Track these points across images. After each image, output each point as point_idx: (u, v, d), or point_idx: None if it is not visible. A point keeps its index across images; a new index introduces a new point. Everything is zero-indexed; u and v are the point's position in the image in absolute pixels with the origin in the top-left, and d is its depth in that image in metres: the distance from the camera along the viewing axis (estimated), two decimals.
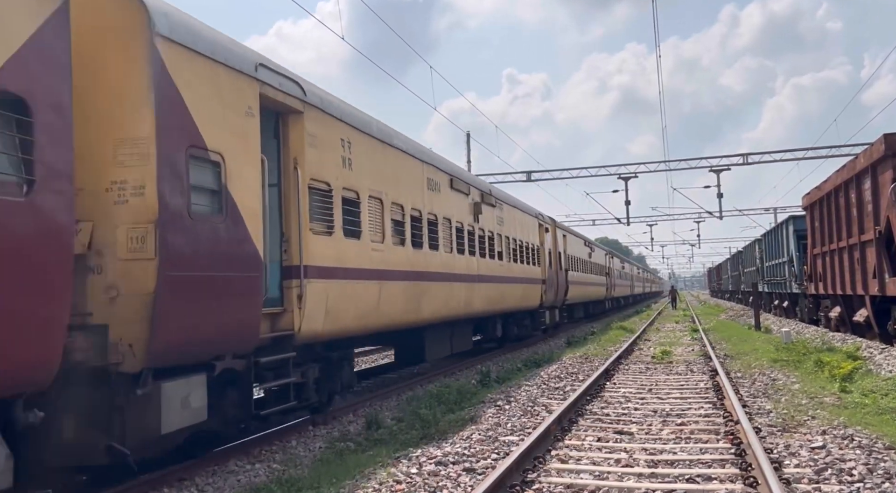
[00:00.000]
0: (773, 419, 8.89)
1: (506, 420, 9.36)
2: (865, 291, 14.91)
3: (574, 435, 8.38)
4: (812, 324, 23.06)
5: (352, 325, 9.83)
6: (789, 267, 25.77)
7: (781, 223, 28.19)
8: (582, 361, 16.74)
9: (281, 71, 8.45)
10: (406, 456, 7.39)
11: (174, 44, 6.45)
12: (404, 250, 11.75)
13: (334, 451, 8.34)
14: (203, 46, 6.91)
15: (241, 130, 7.37)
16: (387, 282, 10.83)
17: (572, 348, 20.56)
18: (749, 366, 14.53)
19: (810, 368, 12.94)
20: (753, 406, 9.85)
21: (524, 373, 14.71)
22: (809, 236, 20.73)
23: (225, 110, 7.14)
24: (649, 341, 23.19)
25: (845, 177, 16.02)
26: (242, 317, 7.24)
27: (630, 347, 19.94)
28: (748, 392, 11.17)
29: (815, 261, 20.03)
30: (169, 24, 6.43)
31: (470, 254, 15.63)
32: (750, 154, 34.52)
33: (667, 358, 16.83)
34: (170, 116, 6.31)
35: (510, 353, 20.32)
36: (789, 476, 6.23)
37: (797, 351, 15.20)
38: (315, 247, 8.68)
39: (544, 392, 11.83)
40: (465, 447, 7.78)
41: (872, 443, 7.24)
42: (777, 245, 28.61)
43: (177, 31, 6.53)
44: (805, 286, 22.43)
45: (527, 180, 37.34)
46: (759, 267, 34.25)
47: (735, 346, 19.45)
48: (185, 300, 6.39)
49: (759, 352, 16.66)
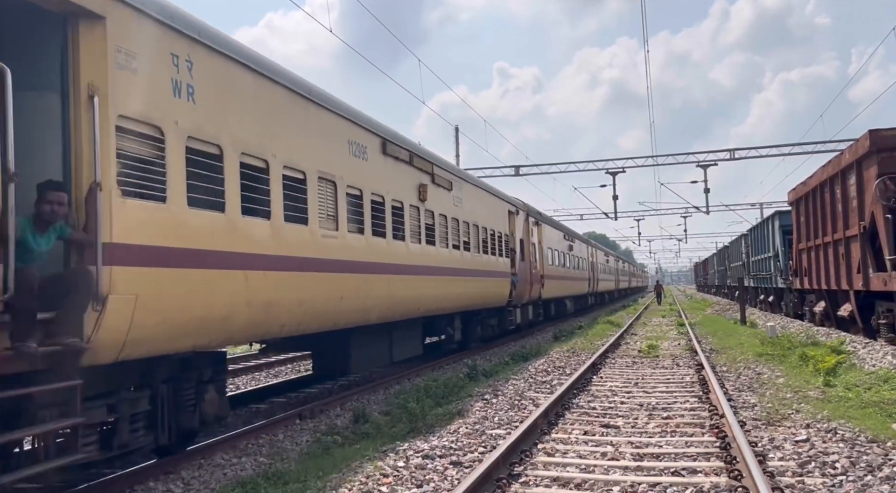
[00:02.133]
0: (758, 412, 8.96)
1: (493, 414, 9.38)
2: (850, 286, 15.03)
3: (561, 429, 8.41)
4: (797, 318, 23.23)
5: (204, 331, 6.91)
6: (775, 262, 25.94)
7: (767, 219, 28.36)
8: (569, 355, 16.80)
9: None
10: (393, 450, 7.40)
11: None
12: (307, 232, 8.83)
13: (321, 445, 8.33)
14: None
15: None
16: (274, 272, 7.96)
17: (560, 342, 20.64)
18: (734, 360, 14.63)
19: (795, 362, 13.05)
20: (738, 400, 9.92)
21: (512, 367, 14.75)
22: (795, 232, 20.86)
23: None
24: (636, 335, 23.29)
25: (830, 173, 16.12)
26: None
27: (617, 341, 20.02)
28: (733, 386, 11.25)
29: (800, 256, 20.16)
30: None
31: (413, 241, 12.85)
32: (737, 149, 34.73)
33: (653, 352, 16.91)
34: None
35: (488, 350, 20.33)
36: (773, 469, 6.28)
37: (782, 345, 15.33)
38: (129, 217, 5.86)
39: (531, 386, 11.87)
40: (453, 440, 7.80)
41: (855, 436, 7.32)
42: (763, 240, 28.78)
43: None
44: (790, 281, 22.58)
45: (515, 175, 37.40)
46: (745, 262, 34.47)
47: (721, 340, 19.58)
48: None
49: (744, 346, 16.77)
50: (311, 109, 9.27)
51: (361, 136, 10.80)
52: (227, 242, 7.15)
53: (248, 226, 7.55)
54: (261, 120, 7.99)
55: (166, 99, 6.42)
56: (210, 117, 7.03)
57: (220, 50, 7.25)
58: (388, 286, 11.47)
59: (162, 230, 6.24)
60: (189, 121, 6.70)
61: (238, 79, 7.61)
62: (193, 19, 6.96)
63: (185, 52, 6.71)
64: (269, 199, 7.99)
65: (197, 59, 6.86)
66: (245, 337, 8.26)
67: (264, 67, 8.14)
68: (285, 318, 8.40)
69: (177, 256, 6.41)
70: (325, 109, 9.63)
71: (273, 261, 7.98)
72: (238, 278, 7.30)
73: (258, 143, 7.86)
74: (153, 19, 6.30)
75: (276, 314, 8.14)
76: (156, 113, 6.28)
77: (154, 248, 6.13)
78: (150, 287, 6.04)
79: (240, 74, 7.64)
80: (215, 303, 6.97)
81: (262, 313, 7.81)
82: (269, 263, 7.91)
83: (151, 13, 6.26)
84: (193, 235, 6.66)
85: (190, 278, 6.58)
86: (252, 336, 8.46)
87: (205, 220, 6.86)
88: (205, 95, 6.94)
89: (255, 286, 7.56)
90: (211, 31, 7.21)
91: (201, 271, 6.76)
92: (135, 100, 6.05)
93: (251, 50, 8.11)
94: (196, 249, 6.68)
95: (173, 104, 6.50)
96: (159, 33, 6.41)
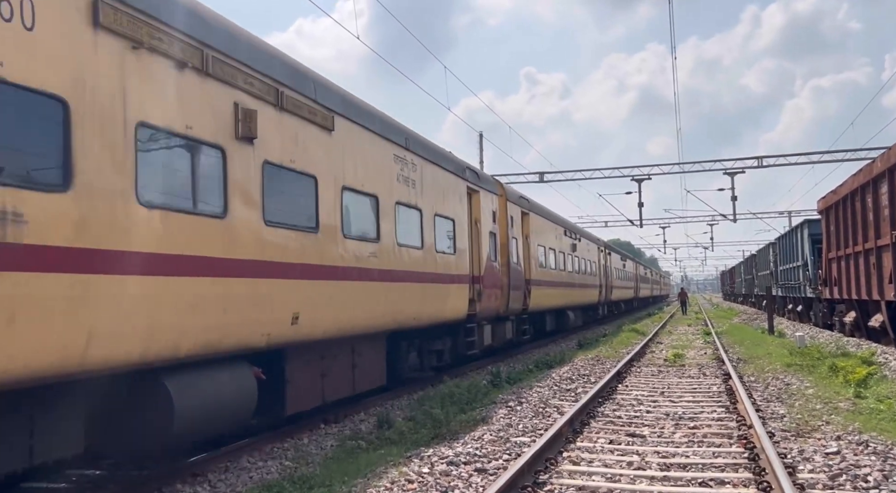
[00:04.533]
0: (787, 423, 8.83)
1: (517, 421, 9.35)
2: (881, 296, 14.78)
3: (586, 437, 8.36)
4: (826, 329, 22.89)
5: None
6: (804, 271, 25.59)
7: (796, 227, 28.00)
8: (594, 363, 16.69)
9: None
10: (418, 455, 7.40)
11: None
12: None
13: (346, 449, 8.36)
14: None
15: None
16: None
17: (584, 349, 20.51)
18: (762, 370, 14.44)
19: (824, 373, 12.84)
20: (767, 411, 9.79)
21: (535, 374, 14.68)
22: (825, 240, 20.57)
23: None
24: (661, 343, 23.09)
25: (862, 181, 15.88)
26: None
27: (642, 349, 19.86)
28: (761, 396, 11.10)
29: (830, 265, 19.87)
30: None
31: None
32: (765, 157, 34.33)
33: (679, 361, 16.75)
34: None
35: (507, 359, 20.21)
36: (803, 482, 6.18)
37: (811, 356, 15.09)
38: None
39: (556, 394, 11.81)
40: (477, 447, 7.78)
41: (888, 449, 7.18)
42: (792, 249, 28.42)
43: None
44: (820, 291, 22.26)
45: (539, 181, 37.28)
46: (773, 271, 34.03)
47: (748, 350, 19.33)
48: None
49: (772, 356, 16.55)
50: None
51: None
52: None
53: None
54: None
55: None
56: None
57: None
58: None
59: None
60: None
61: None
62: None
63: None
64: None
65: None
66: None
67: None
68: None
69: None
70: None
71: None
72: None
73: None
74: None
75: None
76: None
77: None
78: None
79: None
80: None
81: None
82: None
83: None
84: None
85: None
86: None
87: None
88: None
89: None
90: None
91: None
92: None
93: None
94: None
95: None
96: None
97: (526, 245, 19.84)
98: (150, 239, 6.01)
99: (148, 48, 6.06)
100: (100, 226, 5.49)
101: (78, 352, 5.26)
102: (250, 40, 7.73)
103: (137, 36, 5.93)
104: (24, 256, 4.83)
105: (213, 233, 6.75)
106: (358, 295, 9.62)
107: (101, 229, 5.50)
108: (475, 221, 15.48)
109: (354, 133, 9.85)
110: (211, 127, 6.83)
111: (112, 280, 5.58)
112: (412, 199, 11.81)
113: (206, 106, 6.80)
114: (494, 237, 16.73)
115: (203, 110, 6.74)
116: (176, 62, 6.38)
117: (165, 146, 6.40)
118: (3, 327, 4.69)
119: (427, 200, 12.49)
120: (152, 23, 6.11)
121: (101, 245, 5.49)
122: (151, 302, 5.95)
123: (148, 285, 5.95)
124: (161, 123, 6.21)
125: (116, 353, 5.64)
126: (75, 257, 5.24)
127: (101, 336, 5.43)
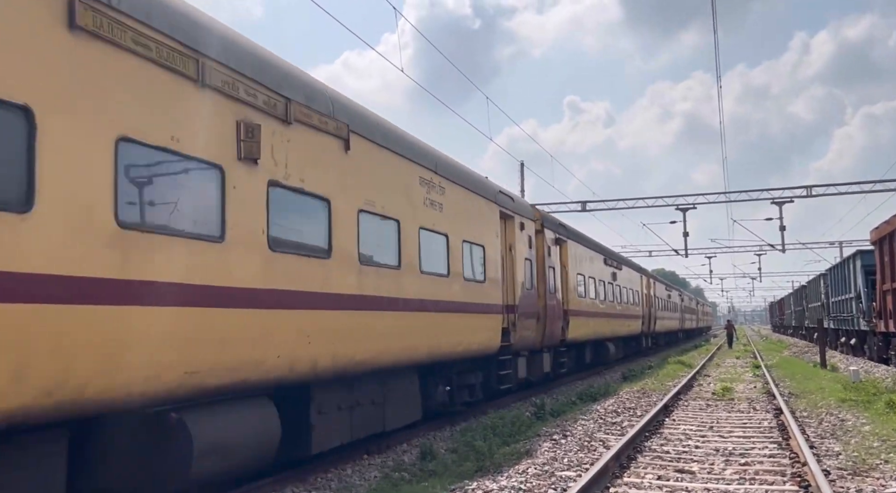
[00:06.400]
0: (843, 461, 8.53)
1: (562, 455, 9.21)
2: None
3: (633, 472, 8.18)
4: (882, 363, 22.15)
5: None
6: (857, 303, 24.88)
7: (848, 258, 27.32)
8: (639, 395, 16.39)
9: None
10: (461, 488, 7.33)
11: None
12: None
13: (389, 481, 8.32)
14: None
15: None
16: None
17: (629, 382, 20.17)
18: (815, 405, 14.00)
19: (881, 409, 12.39)
20: (821, 448, 9.48)
21: (579, 407, 14.47)
22: (878, 272, 20.01)
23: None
24: (709, 376, 22.59)
25: None
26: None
27: (689, 382, 19.45)
28: (815, 433, 10.76)
29: (884, 297, 19.29)
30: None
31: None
32: (814, 186, 33.64)
33: (728, 395, 16.35)
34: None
35: (558, 388, 19.95)
36: None
37: (867, 391, 14.59)
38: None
39: (601, 427, 11.61)
40: (521, 481, 7.68)
41: None
42: (844, 280, 27.71)
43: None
44: (874, 323, 21.59)
45: (581, 210, 37.06)
46: (825, 303, 33.15)
47: (800, 384, 18.79)
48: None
49: (825, 391, 16.05)
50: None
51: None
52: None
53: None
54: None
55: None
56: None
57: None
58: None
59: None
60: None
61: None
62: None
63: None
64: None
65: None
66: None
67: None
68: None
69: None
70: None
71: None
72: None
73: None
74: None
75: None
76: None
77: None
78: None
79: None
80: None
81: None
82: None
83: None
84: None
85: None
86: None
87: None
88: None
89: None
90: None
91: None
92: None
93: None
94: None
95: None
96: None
97: (564, 273, 19.14)
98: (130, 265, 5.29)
99: (133, 54, 5.40)
100: (68, 249, 4.80)
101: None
102: (254, 50, 7.15)
103: (121, 40, 5.29)
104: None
105: (209, 258, 6.10)
106: (379, 326, 8.95)
107: (70, 253, 4.80)
108: (509, 247, 14.64)
109: (374, 153, 9.16)
110: (206, 143, 6.10)
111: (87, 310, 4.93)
112: (438, 224, 11.00)
113: (201, 119, 6.07)
114: (531, 264, 15.91)
115: (196, 124, 6.02)
116: (166, 69, 5.73)
117: (150, 162, 5.69)
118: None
119: (455, 225, 11.64)
120: (138, 27, 5.46)
121: (71, 271, 4.79)
122: (124, 334, 5.21)
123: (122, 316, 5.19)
124: (146, 138, 5.50)
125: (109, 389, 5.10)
126: (44, 284, 4.61)
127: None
